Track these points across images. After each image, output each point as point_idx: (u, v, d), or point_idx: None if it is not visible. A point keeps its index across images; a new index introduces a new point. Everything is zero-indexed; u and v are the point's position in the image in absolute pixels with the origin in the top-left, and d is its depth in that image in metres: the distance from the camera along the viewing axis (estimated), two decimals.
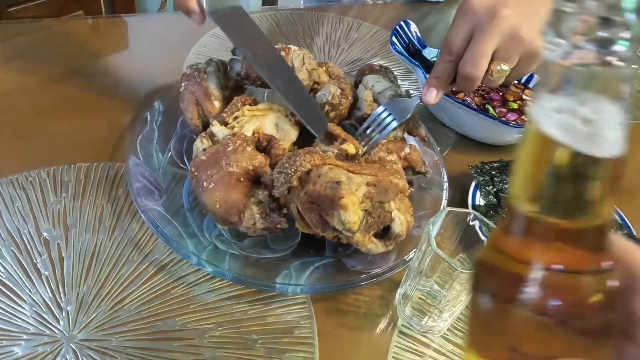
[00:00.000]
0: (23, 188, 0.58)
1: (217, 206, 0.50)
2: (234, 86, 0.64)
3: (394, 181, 0.48)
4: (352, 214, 0.45)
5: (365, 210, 0.46)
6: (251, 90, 0.65)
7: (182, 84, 0.60)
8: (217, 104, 0.59)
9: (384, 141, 0.58)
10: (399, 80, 0.67)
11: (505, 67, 0.53)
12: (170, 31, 0.90)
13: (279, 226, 0.50)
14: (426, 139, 0.64)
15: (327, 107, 0.61)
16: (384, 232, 0.49)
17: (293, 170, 0.47)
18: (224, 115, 0.57)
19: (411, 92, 0.66)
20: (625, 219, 0.63)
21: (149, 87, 0.74)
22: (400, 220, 0.48)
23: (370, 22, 1.00)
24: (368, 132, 0.59)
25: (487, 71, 0.52)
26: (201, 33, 0.89)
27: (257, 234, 0.51)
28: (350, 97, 0.63)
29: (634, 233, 0.62)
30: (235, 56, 0.63)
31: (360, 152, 0.55)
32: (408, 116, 0.58)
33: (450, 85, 0.56)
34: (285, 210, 0.50)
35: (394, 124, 0.58)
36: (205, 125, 0.59)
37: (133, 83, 0.77)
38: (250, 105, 0.59)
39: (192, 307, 0.50)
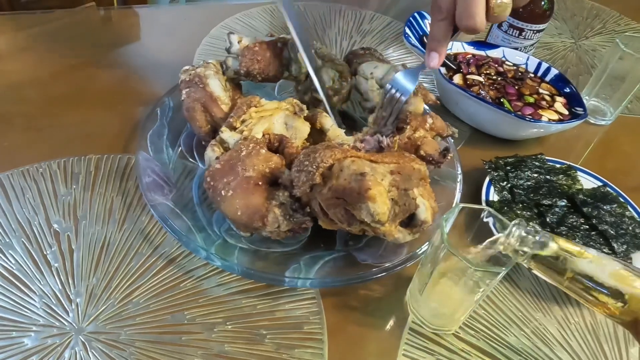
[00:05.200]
0: (34, 179, 0.58)
1: (239, 213, 0.48)
2: (232, 84, 0.62)
3: (416, 167, 0.47)
4: (380, 205, 0.43)
5: (392, 199, 0.45)
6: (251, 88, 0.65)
7: (184, 92, 0.58)
8: (225, 108, 0.58)
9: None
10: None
11: None
12: (181, 23, 0.90)
13: (303, 226, 0.48)
14: (437, 101, 0.62)
15: (329, 92, 0.60)
16: (409, 220, 0.48)
17: (315, 167, 0.46)
18: (231, 120, 0.56)
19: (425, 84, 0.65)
20: None
21: (160, 79, 0.74)
22: (426, 206, 0.47)
23: (383, 13, 0.98)
24: (384, 114, 0.57)
25: (487, 10, 0.47)
26: (212, 25, 0.88)
27: (282, 237, 0.50)
28: (349, 79, 0.62)
29: None
30: (230, 54, 0.61)
31: (390, 141, 0.54)
32: (416, 84, 0.56)
33: (452, 37, 0.52)
34: (307, 209, 0.49)
35: (404, 98, 0.56)
36: (215, 130, 0.58)
37: (144, 75, 0.77)
38: (256, 106, 0.57)
39: (201, 301, 0.50)
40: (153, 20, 0.91)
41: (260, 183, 0.49)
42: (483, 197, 0.62)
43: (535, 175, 0.65)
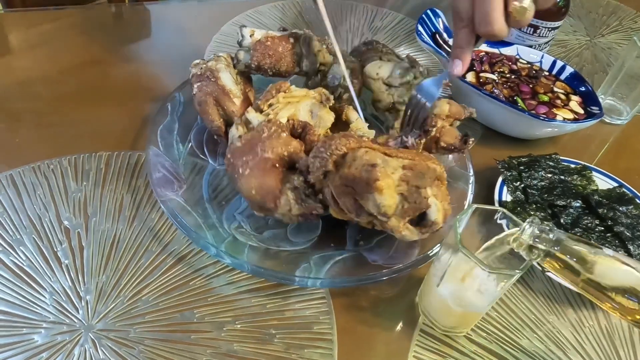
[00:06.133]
0: (45, 176, 0.58)
1: (253, 192, 0.49)
2: (243, 77, 0.62)
3: (431, 166, 0.47)
4: (387, 197, 0.43)
5: (401, 194, 0.45)
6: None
7: (195, 86, 0.58)
8: (237, 102, 0.58)
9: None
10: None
11: (525, 2, 0.45)
12: (192, 19, 0.90)
13: (314, 212, 0.49)
14: (473, 113, 0.61)
15: (339, 89, 0.59)
16: (420, 219, 0.48)
17: (329, 154, 0.46)
18: (259, 102, 0.56)
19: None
20: None
21: (170, 75, 0.74)
22: (437, 207, 0.46)
23: (395, 10, 0.97)
24: (410, 120, 0.56)
25: (507, 15, 0.46)
26: (223, 21, 0.88)
27: (293, 221, 0.50)
28: (360, 76, 0.61)
29: None
30: (242, 47, 0.61)
31: (415, 142, 0.53)
32: (440, 93, 0.56)
33: (476, 44, 0.51)
34: (320, 196, 0.49)
35: (429, 104, 0.55)
36: (227, 124, 0.58)
37: (155, 72, 0.77)
38: (285, 92, 0.57)
39: (210, 300, 0.50)
40: (164, 17, 0.90)
41: (277, 165, 0.50)
42: (496, 198, 0.61)
43: (550, 175, 0.64)
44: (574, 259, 0.40)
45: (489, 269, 0.41)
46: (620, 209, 0.60)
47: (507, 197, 0.61)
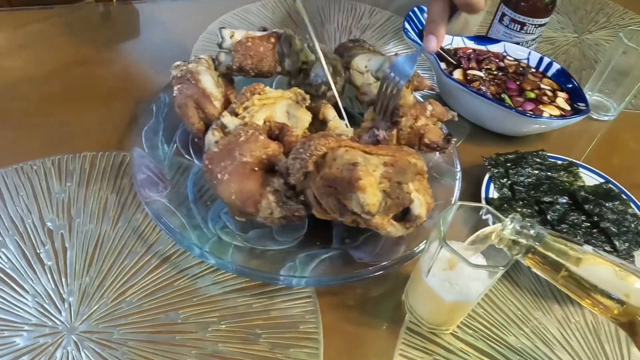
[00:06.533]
0: (28, 177, 0.57)
1: (233, 197, 0.48)
2: (225, 79, 0.61)
3: (412, 161, 0.46)
4: (370, 196, 0.43)
5: (384, 191, 0.45)
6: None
7: (175, 88, 0.57)
8: (217, 105, 0.57)
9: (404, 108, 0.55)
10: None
11: None
12: (180, 18, 0.89)
13: (297, 214, 0.48)
14: (434, 87, 0.61)
15: (323, 87, 0.59)
16: (403, 215, 0.48)
17: (308, 154, 0.46)
18: (234, 105, 0.55)
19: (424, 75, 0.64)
20: None
21: (158, 75, 0.73)
22: (420, 201, 0.46)
23: (383, 8, 0.97)
24: (384, 103, 0.56)
25: None
26: (210, 20, 0.87)
27: (275, 224, 0.50)
28: (343, 74, 0.61)
29: None
30: (222, 49, 0.60)
31: (387, 135, 0.53)
32: (414, 69, 0.54)
33: (450, 18, 0.50)
34: (302, 198, 0.49)
35: (403, 82, 0.54)
36: (207, 127, 0.57)
37: (142, 71, 0.76)
38: (260, 94, 0.57)
39: (195, 300, 0.49)
40: (151, 15, 0.90)
41: (256, 169, 0.49)
42: (483, 195, 0.61)
43: (536, 172, 0.64)
44: (556, 255, 0.40)
45: (471, 265, 0.40)
46: (607, 205, 0.60)
47: (494, 194, 0.61)
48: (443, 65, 0.74)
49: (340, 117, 0.59)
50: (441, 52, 0.74)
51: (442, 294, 0.46)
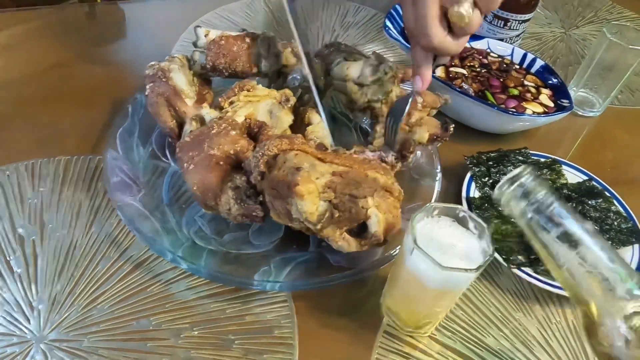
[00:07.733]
0: None
1: (195, 188, 0.48)
2: (201, 79, 0.61)
3: (371, 175, 0.45)
4: (308, 203, 0.42)
5: (329, 201, 0.44)
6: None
7: (147, 87, 0.57)
8: (189, 102, 0.56)
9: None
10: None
11: (463, 8, 0.42)
12: (163, 18, 0.88)
13: (254, 214, 0.47)
14: (448, 99, 0.60)
15: (299, 90, 0.58)
16: (361, 231, 0.46)
17: (260, 154, 0.45)
18: (220, 100, 0.55)
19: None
20: (630, 211, 0.59)
21: (139, 76, 0.72)
22: (378, 219, 0.44)
23: (369, 5, 0.96)
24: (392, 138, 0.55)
25: (449, 24, 0.44)
26: (193, 20, 0.86)
27: (238, 221, 0.49)
28: (322, 77, 0.60)
29: (638, 225, 0.58)
30: (197, 48, 0.59)
31: (394, 162, 0.53)
32: (407, 109, 0.53)
33: (435, 61, 0.49)
34: (261, 198, 0.48)
35: (400, 120, 0.54)
36: (180, 125, 0.56)
37: (123, 73, 0.75)
38: (249, 90, 0.56)
39: (168, 306, 0.48)
40: (136, 16, 0.89)
41: (221, 163, 0.49)
42: (463, 194, 0.60)
43: None
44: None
45: (442, 267, 0.40)
46: (590, 202, 0.60)
47: (475, 193, 0.60)
48: None
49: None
50: None
51: (427, 280, 0.43)
